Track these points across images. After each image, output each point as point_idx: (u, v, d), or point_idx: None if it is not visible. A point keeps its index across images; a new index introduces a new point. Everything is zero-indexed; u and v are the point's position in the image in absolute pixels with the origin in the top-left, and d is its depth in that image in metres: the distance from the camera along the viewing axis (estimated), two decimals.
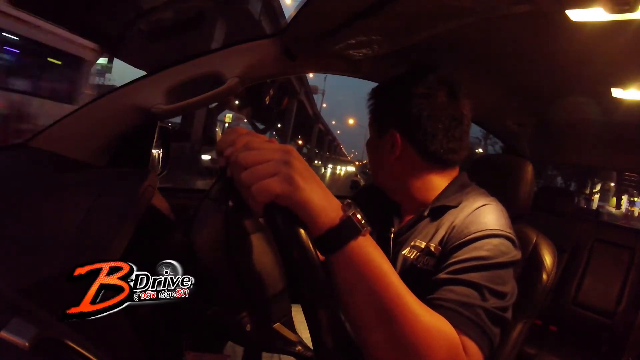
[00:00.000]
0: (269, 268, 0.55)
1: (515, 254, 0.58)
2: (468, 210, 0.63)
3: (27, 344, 0.28)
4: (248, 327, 0.52)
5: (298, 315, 0.56)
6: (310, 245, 0.38)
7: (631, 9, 0.59)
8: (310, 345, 0.48)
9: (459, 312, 0.49)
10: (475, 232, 0.58)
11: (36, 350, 0.28)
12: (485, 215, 0.61)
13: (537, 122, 1.52)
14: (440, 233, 0.64)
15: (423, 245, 0.65)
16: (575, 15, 0.67)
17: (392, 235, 0.72)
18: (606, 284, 1.74)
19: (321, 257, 0.39)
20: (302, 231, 0.38)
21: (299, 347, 0.54)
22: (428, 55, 0.92)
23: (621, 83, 0.99)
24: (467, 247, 0.57)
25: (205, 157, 10.13)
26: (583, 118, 1.37)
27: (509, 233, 0.59)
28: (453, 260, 0.56)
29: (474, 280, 0.52)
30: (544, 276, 0.88)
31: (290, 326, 0.55)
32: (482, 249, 0.56)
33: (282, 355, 0.74)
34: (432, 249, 0.63)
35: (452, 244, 0.59)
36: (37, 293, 0.39)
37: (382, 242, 0.72)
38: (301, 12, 0.69)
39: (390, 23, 0.69)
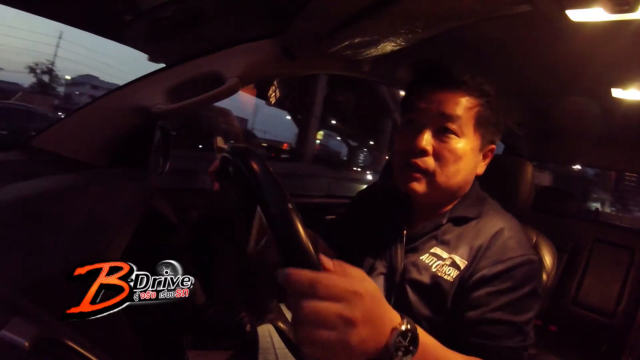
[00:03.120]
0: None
1: (539, 273, 0.65)
2: (490, 228, 0.65)
3: (27, 344, 0.28)
4: (248, 327, 0.52)
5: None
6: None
7: (631, 9, 0.59)
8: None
9: (504, 351, 0.57)
10: (506, 261, 0.60)
11: (36, 350, 0.28)
12: (511, 238, 0.63)
13: (537, 122, 1.52)
14: (465, 248, 0.64)
15: (445, 255, 0.65)
16: (575, 15, 0.67)
17: (405, 233, 0.71)
18: (606, 284, 1.73)
19: None
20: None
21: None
22: (428, 55, 0.92)
23: (621, 83, 0.99)
24: (500, 279, 0.59)
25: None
26: (583, 118, 1.37)
27: (533, 254, 0.63)
28: (487, 291, 0.59)
29: (512, 321, 0.58)
30: (544, 276, 0.88)
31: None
32: (515, 280, 0.59)
33: (277, 349, 0.74)
34: (458, 261, 0.63)
35: (483, 271, 0.60)
36: (37, 293, 0.39)
37: (392, 238, 0.72)
38: (301, 12, 0.69)
39: (390, 23, 0.69)
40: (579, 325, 1.75)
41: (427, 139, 0.64)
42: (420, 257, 0.67)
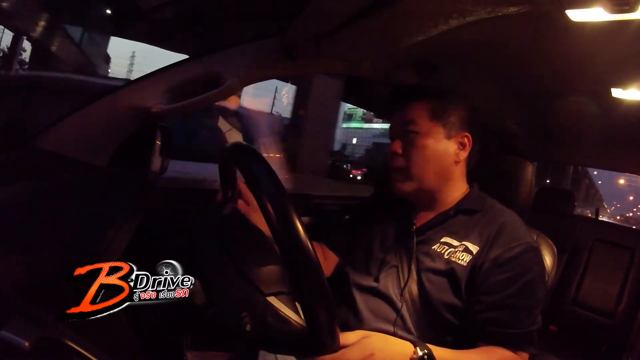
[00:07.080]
0: (270, 270, 0.55)
1: (542, 258, 0.72)
2: (497, 219, 0.72)
3: (27, 344, 0.28)
4: (248, 327, 0.52)
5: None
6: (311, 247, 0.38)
7: (631, 9, 0.59)
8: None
9: (518, 336, 0.63)
10: (515, 247, 0.67)
11: (36, 350, 0.28)
12: (517, 227, 0.71)
13: (537, 122, 1.52)
14: (475, 235, 0.71)
15: (456, 243, 0.71)
16: (575, 15, 0.66)
17: (415, 227, 0.77)
18: (606, 284, 1.73)
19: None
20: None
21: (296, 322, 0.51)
22: (428, 55, 0.92)
23: (621, 83, 0.99)
24: (511, 265, 0.66)
25: None
26: (583, 118, 1.37)
27: (535, 241, 0.71)
28: (501, 278, 0.65)
29: (524, 305, 0.64)
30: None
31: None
32: (523, 265, 0.66)
33: (278, 356, 0.73)
34: (470, 247, 0.69)
35: (493, 258, 0.66)
36: (37, 293, 0.39)
37: (401, 233, 0.77)
38: (301, 12, 0.69)
39: (391, 23, 0.69)
40: (579, 325, 1.75)
41: (396, 144, 0.77)
42: (432, 247, 0.72)
